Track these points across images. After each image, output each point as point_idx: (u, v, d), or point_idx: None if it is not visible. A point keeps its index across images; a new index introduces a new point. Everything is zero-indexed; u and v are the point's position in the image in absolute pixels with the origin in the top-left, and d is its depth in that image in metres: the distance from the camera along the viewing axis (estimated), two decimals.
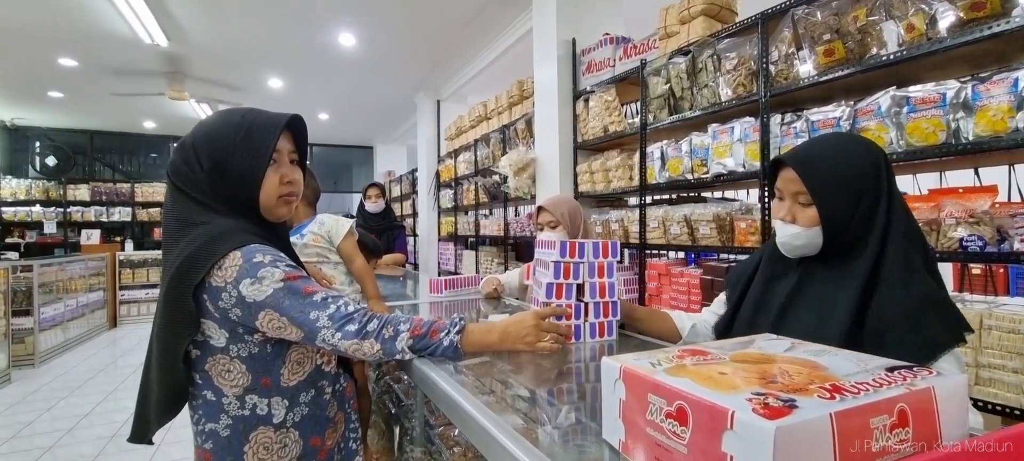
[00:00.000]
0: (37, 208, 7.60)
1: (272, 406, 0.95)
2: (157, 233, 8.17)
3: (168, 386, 0.94)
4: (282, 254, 0.96)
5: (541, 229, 1.88)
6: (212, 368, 0.94)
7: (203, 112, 6.96)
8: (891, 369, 0.56)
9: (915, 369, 0.56)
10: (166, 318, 0.91)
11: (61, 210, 7.73)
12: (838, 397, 0.48)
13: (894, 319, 0.86)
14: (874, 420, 0.47)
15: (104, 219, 7.91)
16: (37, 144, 8.09)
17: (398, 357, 0.96)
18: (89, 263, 6.47)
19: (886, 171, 0.94)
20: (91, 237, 7.40)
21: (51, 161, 7.82)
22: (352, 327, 0.93)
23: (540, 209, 1.89)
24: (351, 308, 0.95)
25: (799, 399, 0.48)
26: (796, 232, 0.98)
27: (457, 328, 1.01)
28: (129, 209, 8.04)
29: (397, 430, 1.54)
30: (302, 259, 1.52)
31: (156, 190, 8.19)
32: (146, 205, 8.13)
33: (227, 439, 0.94)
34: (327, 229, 1.63)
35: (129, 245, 7.58)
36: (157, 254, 7.43)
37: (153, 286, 7.25)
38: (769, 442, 0.42)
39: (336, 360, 1.07)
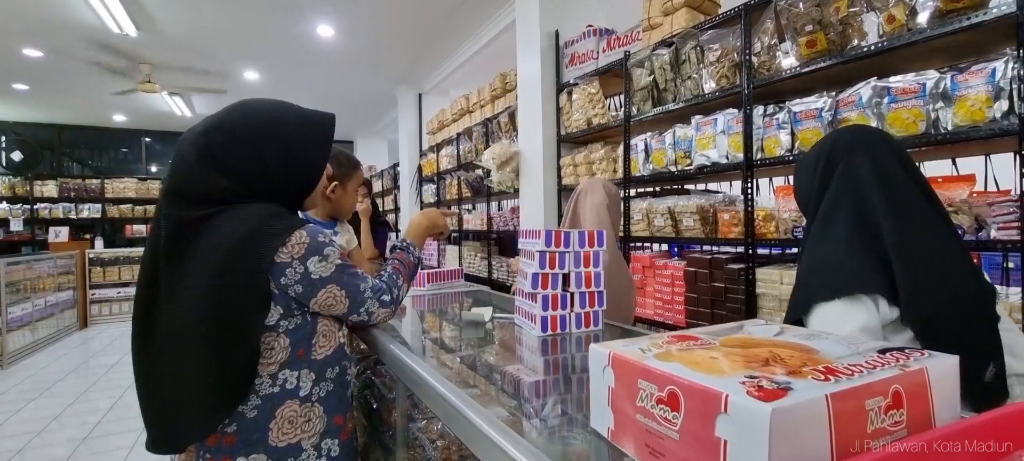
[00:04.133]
0: (3, 205, 7.32)
1: (301, 379, 0.97)
2: (130, 230, 7.93)
3: (227, 376, 0.89)
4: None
5: None
6: None
7: (176, 105, 6.77)
8: (883, 351, 0.55)
9: (907, 350, 0.55)
10: (231, 300, 0.87)
11: (28, 207, 7.46)
12: (833, 379, 0.47)
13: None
14: (869, 402, 0.46)
15: (73, 216, 7.65)
16: (2, 139, 7.78)
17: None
18: (58, 261, 6.25)
19: (835, 156, 0.98)
20: (59, 234, 7.16)
21: (17, 156, 7.52)
22: (386, 297, 1.08)
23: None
24: (380, 281, 1.10)
25: (793, 381, 0.46)
26: None
27: (415, 248, 1.26)
28: (99, 206, 7.79)
29: (380, 425, 1.51)
30: None
31: (127, 186, 7.96)
32: (117, 201, 7.89)
33: (254, 419, 0.93)
34: (350, 235, 1.72)
35: (99, 243, 7.35)
36: (130, 251, 7.21)
37: (126, 284, 7.02)
38: (765, 425, 0.41)
39: (349, 346, 1.13)
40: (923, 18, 1.53)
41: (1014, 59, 1.36)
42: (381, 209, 7.21)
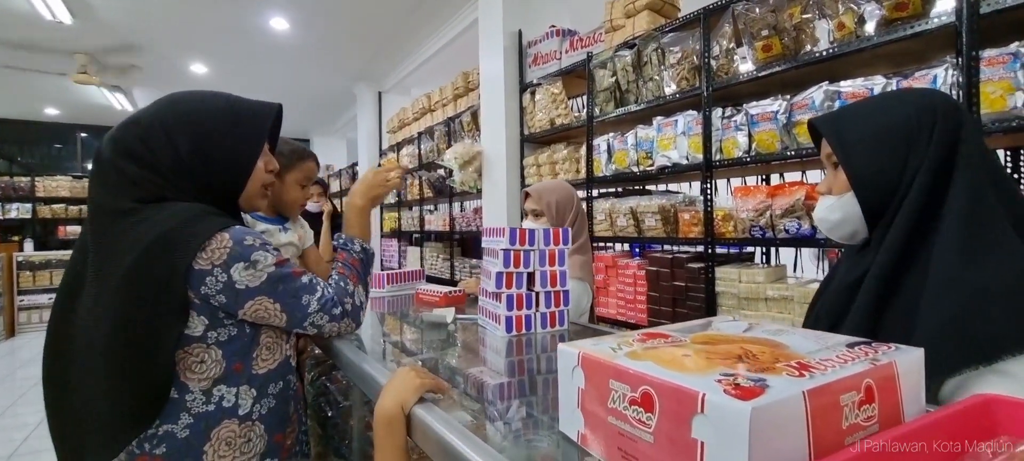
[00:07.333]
0: None
1: (239, 396, 0.89)
2: (63, 231, 7.39)
3: (139, 393, 0.80)
4: (264, 236, 0.93)
5: (525, 216, 1.72)
6: (182, 361, 0.85)
7: (116, 99, 6.36)
8: (851, 345, 0.55)
9: (875, 344, 0.55)
10: (138, 310, 0.79)
11: None
12: (807, 375, 0.46)
13: (928, 316, 0.67)
14: (844, 397, 0.45)
15: None
16: None
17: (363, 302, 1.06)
18: None
19: (944, 126, 0.72)
20: None
21: None
22: (337, 310, 0.97)
23: (526, 195, 1.71)
24: (330, 291, 0.97)
25: (769, 378, 0.45)
26: (830, 203, 0.81)
27: (352, 241, 1.08)
28: (29, 205, 7.22)
29: (334, 434, 1.44)
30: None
31: (60, 184, 7.40)
32: (49, 200, 7.32)
33: (185, 440, 0.84)
34: (304, 232, 1.60)
35: (29, 245, 6.81)
36: (64, 254, 6.71)
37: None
38: (744, 424, 0.39)
39: (295, 358, 1.04)
40: (870, 26, 1.59)
41: (953, 66, 1.43)
42: (339, 209, 7.01)
